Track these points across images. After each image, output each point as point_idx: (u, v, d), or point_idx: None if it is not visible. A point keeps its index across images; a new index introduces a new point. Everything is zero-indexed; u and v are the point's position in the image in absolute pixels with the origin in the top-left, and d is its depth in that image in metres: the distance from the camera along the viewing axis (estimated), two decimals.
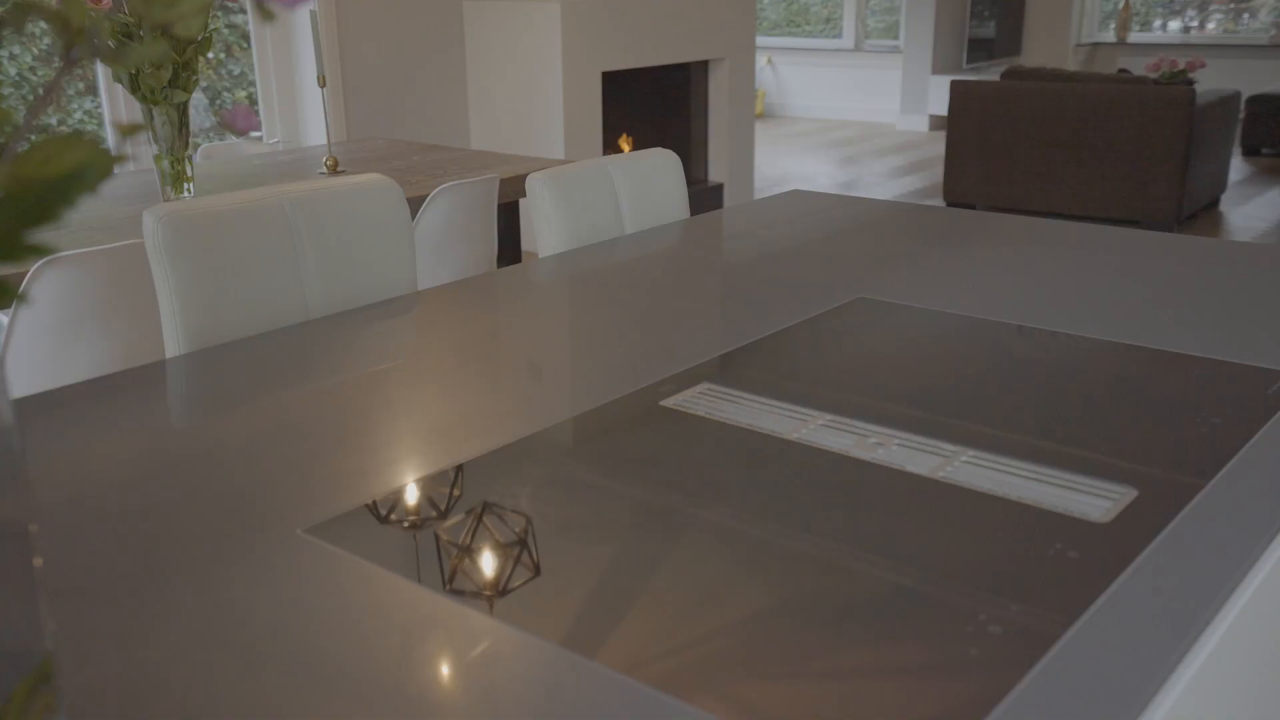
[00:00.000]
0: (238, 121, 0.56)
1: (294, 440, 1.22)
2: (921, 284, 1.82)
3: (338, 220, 1.62)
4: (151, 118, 2.85)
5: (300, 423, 1.27)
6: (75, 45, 0.56)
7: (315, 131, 4.90)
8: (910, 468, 1.16)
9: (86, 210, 2.84)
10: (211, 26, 2.95)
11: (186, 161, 2.91)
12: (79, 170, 0.52)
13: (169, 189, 2.90)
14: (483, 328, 1.60)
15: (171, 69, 2.77)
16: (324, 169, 3.39)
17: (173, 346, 1.45)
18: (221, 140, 5.09)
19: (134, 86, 2.76)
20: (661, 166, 2.24)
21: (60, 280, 2.12)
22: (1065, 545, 1.00)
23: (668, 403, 1.34)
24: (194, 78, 2.88)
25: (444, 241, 3.05)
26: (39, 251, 0.52)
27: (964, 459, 1.18)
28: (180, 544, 1.00)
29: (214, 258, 1.47)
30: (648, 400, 1.34)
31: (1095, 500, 1.09)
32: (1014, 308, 1.69)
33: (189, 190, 2.92)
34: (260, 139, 4.87)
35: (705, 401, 1.34)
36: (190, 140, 2.95)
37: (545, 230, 2.04)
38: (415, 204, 3.03)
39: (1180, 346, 1.52)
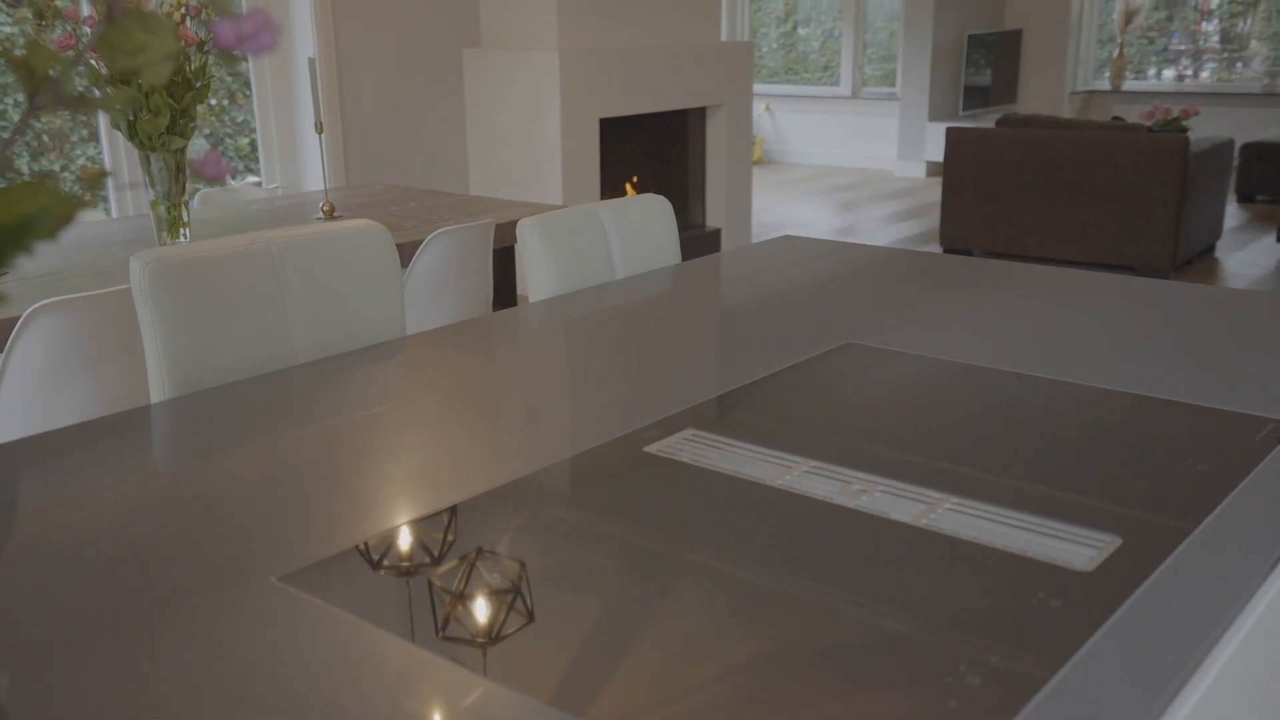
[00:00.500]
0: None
1: (275, 486, 1.22)
2: (911, 329, 1.82)
3: (326, 265, 1.63)
4: (149, 164, 2.87)
5: (283, 468, 1.27)
6: (39, 92, 0.57)
7: (315, 177, 4.93)
8: (893, 515, 1.16)
9: (82, 256, 2.85)
10: (211, 74, 2.98)
11: (183, 207, 2.93)
12: (37, 217, 0.52)
13: (165, 234, 2.92)
14: (469, 372, 1.60)
15: (169, 115, 2.80)
16: (321, 214, 3.41)
17: (158, 391, 1.45)
18: (222, 186, 5.13)
19: (131, 133, 2.78)
20: (652, 211, 2.25)
21: (52, 325, 2.13)
22: (1048, 594, 0.99)
23: (651, 449, 1.33)
24: (192, 124, 2.90)
25: (439, 286, 3.06)
26: None
27: (948, 506, 1.17)
28: (153, 593, 0.99)
29: (200, 303, 1.48)
30: (631, 446, 1.34)
31: (1079, 549, 1.08)
32: (1004, 353, 1.69)
33: (185, 236, 2.94)
34: (259, 185, 4.90)
35: (689, 447, 1.33)
36: (188, 186, 2.97)
37: (536, 275, 2.04)
38: (411, 248, 3.04)
39: (1170, 393, 1.52)
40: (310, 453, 1.31)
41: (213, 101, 5.43)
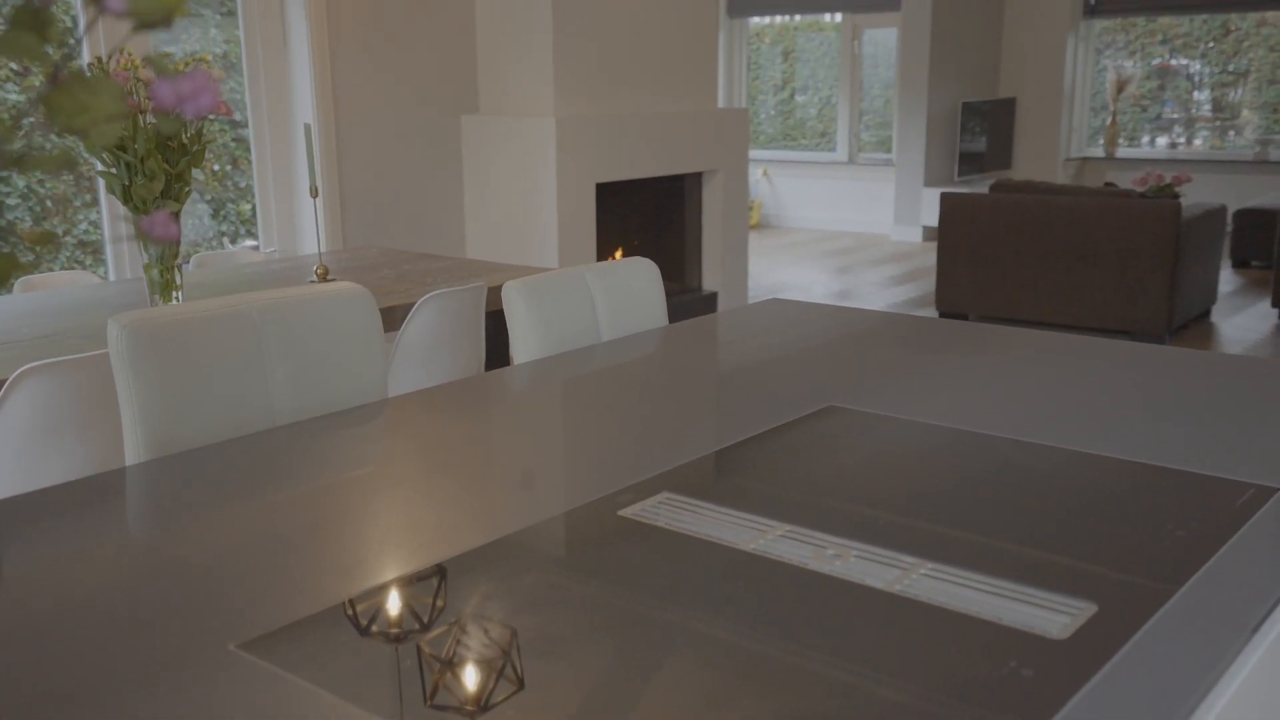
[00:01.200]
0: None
1: (244, 551, 1.21)
2: (896, 393, 1.81)
3: (307, 328, 1.63)
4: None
5: (254, 532, 1.25)
6: None
7: (313, 241, 4.97)
8: (867, 580, 1.14)
9: (76, 319, 2.86)
10: (207, 138, 3.02)
11: (176, 270, 2.94)
12: None
13: (157, 297, 2.93)
14: (446, 436, 1.59)
15: (164, 180, 2.83)
16: (314, 277, 3.43)
17: (133, 454, 1.44)
18: (220, 249, 5.16)
19: (126, 198, 2.81)
20: (639, 275, 2.26)
21: (38, 388, 2.12)
22: (1020, 663, 0.97)
23: (626, 512, 1.32)
24: (186, 189, 2.93)
25: (432, 349, 3.06)
26: None
27: (923, 572, 1.16)
28: (113, 662, 0.98)
29: (178, 366, 1.48)
30: (606, 510, 1.32)
31: (1053, 616, 1.06)
32: (988, 418, 1.68)
33: (178, 299, 2.95)
34: (256, 248, 4.94)
35: (665, 511, 1.32)
36: (181, 249, 2.99)
37: (521, 337, 2.04)
38: (403, 311, 3.05)
39: (1155, 458, 1.51)
40: (282, 516, 1.30)
41: (215, 167, 5.50)
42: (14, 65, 4.67)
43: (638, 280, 2.25)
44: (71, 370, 2.08)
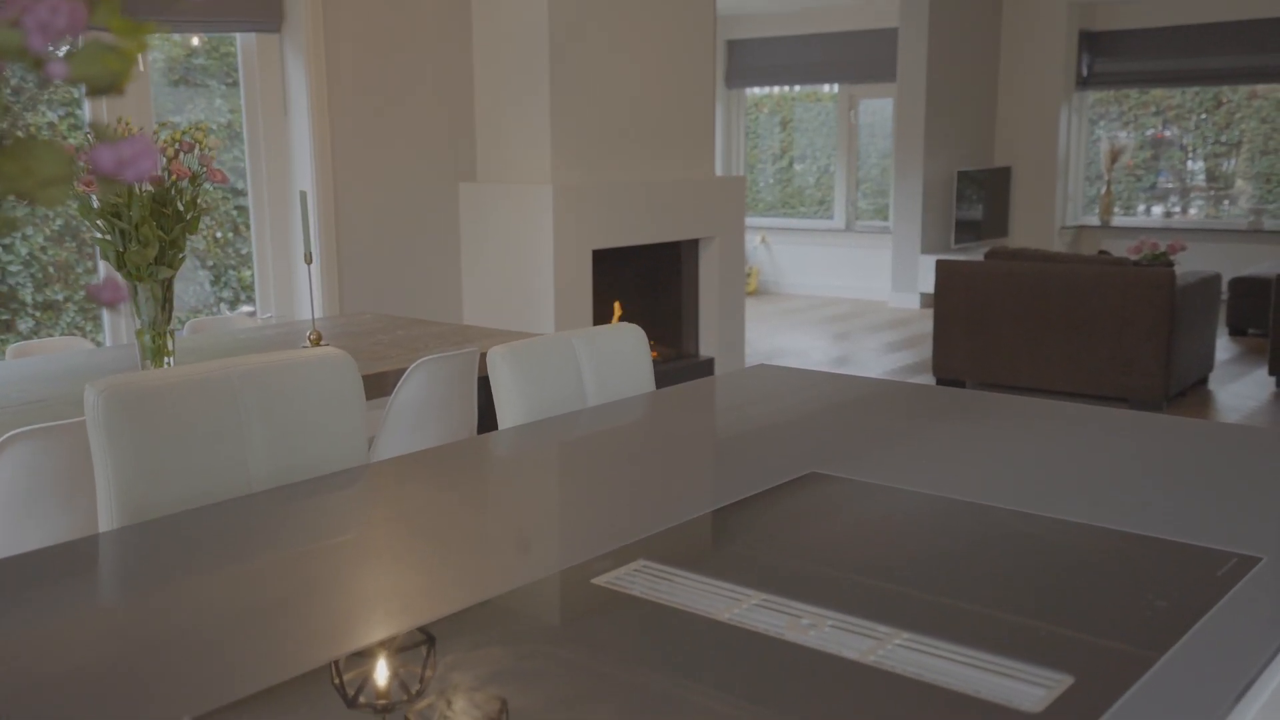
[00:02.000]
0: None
1: (207, 621, 1.19)
2: (879, 460, 1.80)
3: (287, 394, 1.63)
4: (136, 294, 2.90)
5: (220, 602, 1.24)
6: None
7: (310, 306, 4.99)
8: (842, 651, 1.12)
9: (67, 385, 2.86)
10: (203, 205, 3.05)
11: (168, 336, 2.95)
12: None
13: (149, 363, 2.93)
14: (423, 502, 1.58)
15: (158, 246, 2.85)
16: (307, 342, 3.43)
17: (106, 521, 1.43)
18: (217, 314, 5.19)
19: (120, 264, 2.83)
20: (626, 340, 2.27)
21: (23, 454, 2.12)
22: None
23: (601, 580, 1.30)
24: (180, 255, 2.95)
25: (423, 414, 3.05)
26: None
27: (898, 642, 1.14)
28: None
29: (155, 431, 1.47)
30: (580, 578, 1.31)
31: (1029, 688, 1.04)
32: (971, 485, 1.67)
33: (169, 364, 2.96)
34: (253, 314, 4.96)
35: (640, 579, 1.31)
36: (173, 315, 3.00)
37: (505, 403, 2.04)
38: (395, 376, 3.05)
39: (1140, 527, 1.49)
40: (254, 584, 1.29)
41: (218, 234, 5.55)
42: None
43: (624, 346, 2.25)
44: (57, 436, 2.07)
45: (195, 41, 5.17)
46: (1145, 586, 1.28)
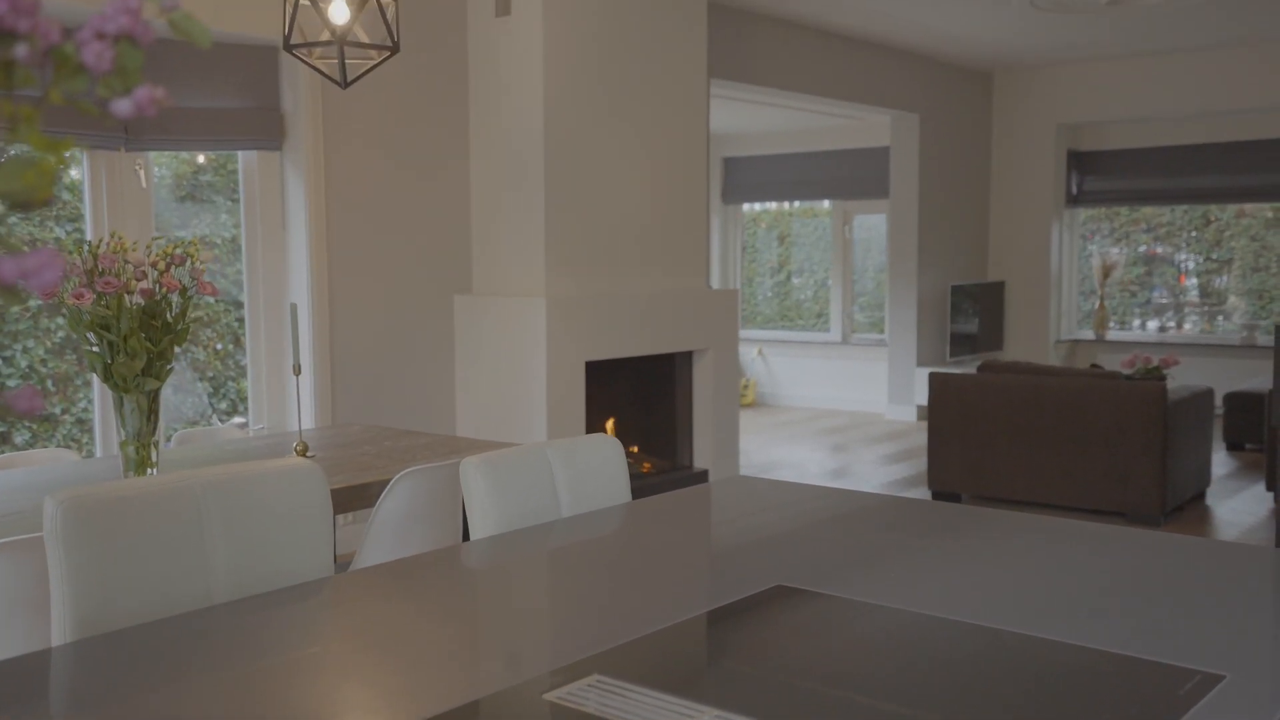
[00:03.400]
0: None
1: None
2: (849, 575, 1.79)
3: (251, 505, 1.63)
4: (121, 405, 2.92)
5: (164, 718, 1.23)
6: None
7: (304, 417, 5.01)
8: None
9: (37, 497, 2.86)
10: (199, 317, 3.09)
11: (152, 448, 2.96)
12: None
13: (132, 474, 2.94)
14: (385, 614, 1.57)
15: (145, 358, 2.88)
16: (293, 454, 3.44)
17: (59, 635, 1.42)
18: (208, 425, 5.21)
19: (106, 376, 2.85)
20: (601, 451, 2.27)
21: None
22: None
23: (553, 695, 1.29)
24: (168, 367, 2.98)
25: (407, 525, 3.04)
26: None
27: None
28: None
29: (113, 544, 1.47)
30: (532, 693, 1.29)
31: None
32: (942, 600, 1.66)
33: (152, 475, 2.96)
34: (244, 425, 4.98)
35: (593, 695, 1.29)
36: (164, 426, 3.02)
37: (478, 515, 2.04)
38: (379, 488, 3.05)
39: (1112, 644, 1.47)
40: (199, 699, 1.27)
41: (218, 346, 5.61)
42: None
43: (598, 457, 2.26)
44: (27, 550, 2.07)
45: (201, 159, 5.33)
46: (1105, 705, 1.26)
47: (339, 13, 3.07)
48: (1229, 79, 8.98)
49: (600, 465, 2.27)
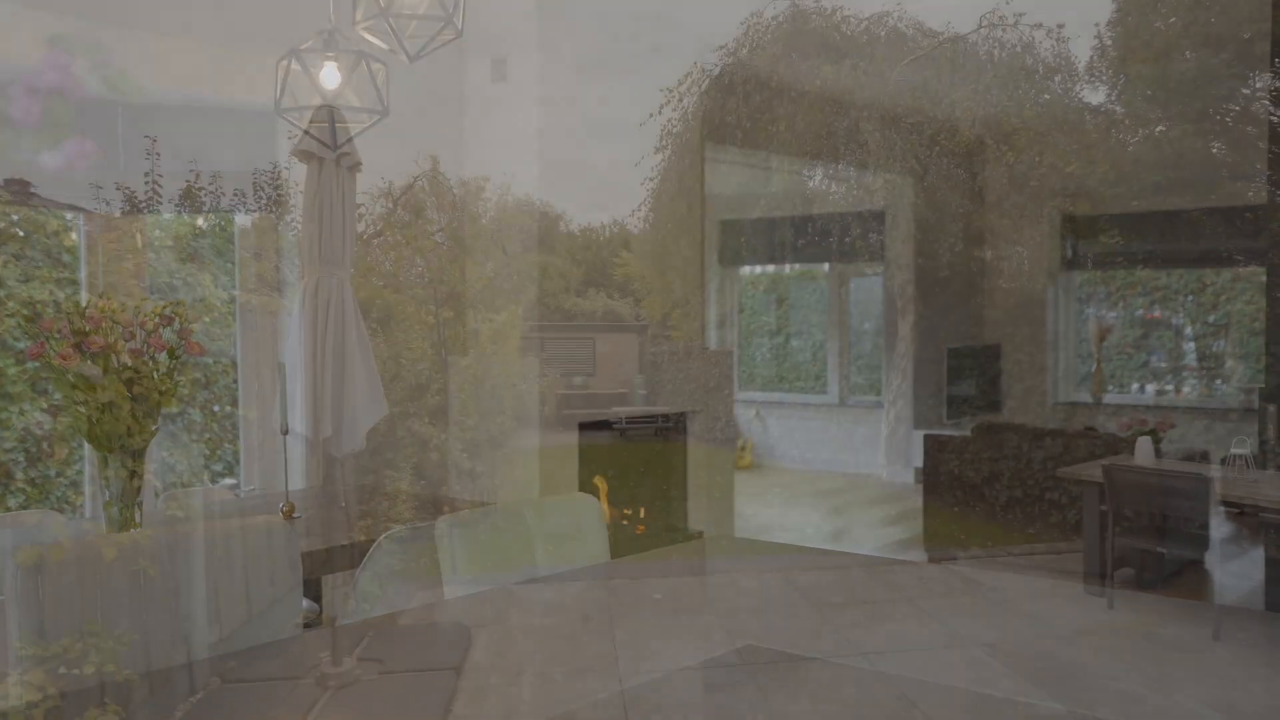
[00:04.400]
0: None
1: None
2: (820, 634, 1.78)
3: (217, 563, 1.63)
4: (106, 465, 2.92)
5: None
6: None
7: (295, 477, 5.00)
8: None
9: None
10: (190, 377, 3.11)
11: (135, 509, 2.95)
12: None
13: (114, 535, 2.93)
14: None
15: (129, 418, 2.88)
16: (280, 514, 3.44)
17: (17, 696, 1.41)
18: (200, 485, 5.20)
19: (90, 436, 2.86)
20: (578, 511, 2.27)
21: None
22: None
23: None
24: (154, 427, 2.98)
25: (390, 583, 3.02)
26: None
27: None
28: None
29: (72, 602, 1.47)
30: None
31: None
32: (913, 662, 1.65)
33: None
34: (235, 486, 4.97)
35: None
36: (151, 486, 3.01)
37: (451, 573, 2.04)
38: (364, 547, 3.04)
39: (1084, 705, 1.46)
40: None
41: (216, 408, 5.62)
42: None
43: (575, 515, 2.26)
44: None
45: (200, 222, 5.39)
46: None
47: (330, 78, 3.14)
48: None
49: (577, 524, 2.27)
